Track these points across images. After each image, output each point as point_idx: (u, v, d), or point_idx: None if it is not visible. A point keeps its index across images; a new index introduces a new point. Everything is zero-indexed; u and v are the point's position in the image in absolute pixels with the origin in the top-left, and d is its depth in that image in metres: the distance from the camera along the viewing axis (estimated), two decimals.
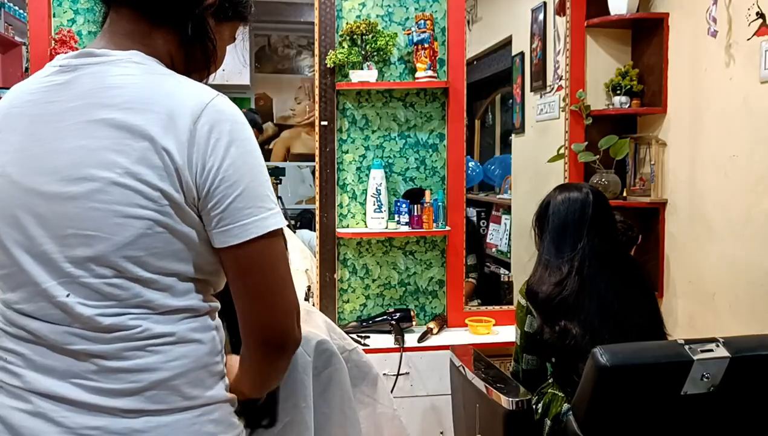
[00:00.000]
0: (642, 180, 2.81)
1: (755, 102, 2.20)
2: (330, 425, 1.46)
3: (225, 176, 0.91)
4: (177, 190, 0.90)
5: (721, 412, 1.67)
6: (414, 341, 2.65)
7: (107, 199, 0.89)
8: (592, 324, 1.84)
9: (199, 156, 0.90)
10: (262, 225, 0.93)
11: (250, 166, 0.94)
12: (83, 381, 0.92)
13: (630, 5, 2.74)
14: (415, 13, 2.80)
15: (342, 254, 2.86)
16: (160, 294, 0.93)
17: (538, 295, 1.94)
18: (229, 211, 0.92)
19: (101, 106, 0.92)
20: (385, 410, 1.61)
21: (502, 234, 3.40)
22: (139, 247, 0.90)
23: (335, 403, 1.47)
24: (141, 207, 0.89)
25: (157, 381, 0.93)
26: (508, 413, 1.77)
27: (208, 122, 0.91)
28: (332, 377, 1.46)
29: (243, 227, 0.92)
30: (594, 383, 1.57)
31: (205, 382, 0.97)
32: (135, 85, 0.93)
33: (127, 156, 0.89)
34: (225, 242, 0.93)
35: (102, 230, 0.90)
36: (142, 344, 0.92)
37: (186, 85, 0.96)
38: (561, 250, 1.97)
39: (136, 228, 0.89)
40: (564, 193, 2.06)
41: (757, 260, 2.19)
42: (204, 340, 0.98)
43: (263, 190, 0.95)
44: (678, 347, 1.60)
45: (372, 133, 2.85)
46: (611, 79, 2.88)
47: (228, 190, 0.91)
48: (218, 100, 0.94)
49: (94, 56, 0.97)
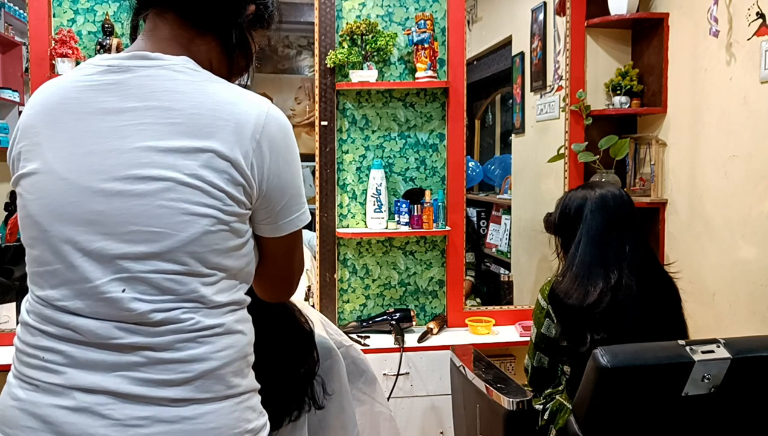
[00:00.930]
0: (642, 180, 2.81)
1: (755, 102, 2.20)
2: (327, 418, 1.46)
3: (279, 183, 1.01)
4: (241, 194, 0.97)
5: (722, 413, 1.67)
6: (414, 341, 2.65)
7: (175, 198, 0.93)
8: (622, 340, 1.74)
9: (262, 164, 0.98)
10: (302, 219, 1.07)
11: (298, 172, 1.05)
12: (131, 373, 0.94)
13: (630, 5, 2.74)
14: (415, 13, 2.79)
15: (342, 254, 2.86)
16: (213, 288, 0.98)
17: (566, 303, 1.86)
18: (281, 210, 1.03)
19: (165, 109, 0.95)
20: (383, 409, 1.61)
21: (502, 234, 3.40)
22: (203, 243, 0.95)
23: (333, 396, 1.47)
24: (207, 206, 0.94)
25: (206, 370, 0.96)
26: (508, 414, 1.77)
27: (270, 133, 0.98)
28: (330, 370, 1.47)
29: (289, 222, 1.06)
30: (595, 383, 1.57)
31: (244, 371, 1.02)
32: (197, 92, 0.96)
33: (195, 159, 0.93)
34: (272, 233, 1.05)
35: (169, 226, 0.93)
36: (194, 335, 0.96)
37: (245, 95, 1.00)
38: (604, 256, 1.87)
39: (202, 225, 0.94)
40: (601, 190, 1.96)
41: (757, 259, 2.19)
42: (245, 331, 1.03)
43: (302, 190, 1.07)
44: (679, 348, 1.60)
45: (372, 134, 2.85)
46: (611, 79, 2.88)
47: (280, 193, 1.02)
48: (274, 112, 1.01)
49: (149, 59, 0.98)
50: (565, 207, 2.00)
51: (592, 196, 1.95)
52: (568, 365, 1.91)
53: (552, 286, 1.93)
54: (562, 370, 1.98)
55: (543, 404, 1.97)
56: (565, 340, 1.88)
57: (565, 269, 1.93)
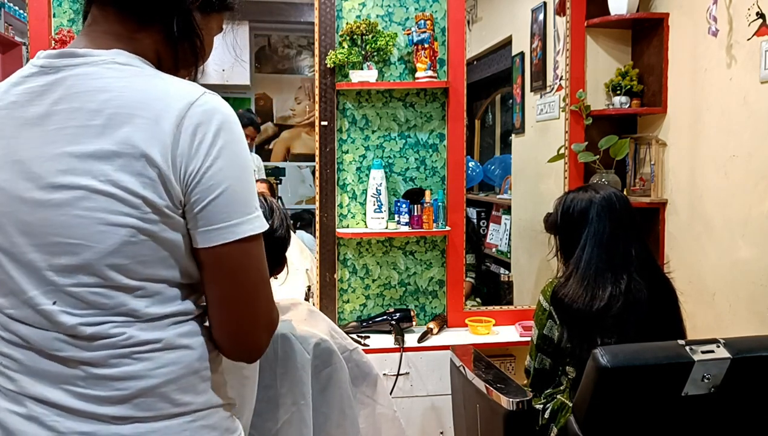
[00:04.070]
0: (642, 180, 2.81)
1: (755, 102, 2.20)
2: (329, 424, 1.46)
3: (206, 177, 0.89)
4: (161, 197, 0.88)
5: (721, 413, 1.66)
6: (414, 341, 2.65)
7: (90, 207, 0.87)
8: (631, 342, 1.75)
9: (183, 158, 0.88)
10: (238, 230, 0.90)
11: (233, 167, 0.90)
12: (72, 387, 0.91)
13: (630, 5, 2.74)
14: (415, 13, 2.79)
15: (342, 254, 2.86)
16: (146, 301, 0.91)
17: (572, 307, 1.85)
18: (207, 213, 0.90)
19: (87, 111, 0.89)
20: (385, 410, 1.61)
21: (502, 234, 3.40)
22: (124, 255, 0.89)
23: (335, 402, 1.47)
24: (123, 214, 0.87)
25: (144, 388, 0.91)
26: (508, 414, 1.77)
27: (192, 123, 0.88)
28: (332, 376, 1.47)
29: (218, 230, 0.90)
30: (595, 383, 1.57)
31: (197, 387, 0.96)
32: (121, 88, 0.90)
33: (110, 163, 0.87)
34: (201, 243, 0.91)
35: (86, 238, 0.88)
36: (128, 351, 0.91)
37: (174, 85, 0.93)
38: (611, 260, 1.86)
39: (120, 236, 0.88)
40: (605, 192, 1.94)
41: (757, 259, 2.19)
42: (193, 345, 0.95)
43: (245, 194, 0.92)
44: (679, 347, 1.60)
45: (372, 134, 2.84)
46: (611, 79, 2.88)
47: (207, 191, 0.89)
48: (205, 99, 0.91)
49: (76, 57, 0.93)
50: (567, 208, 1.97)
51: (597, 199, 1.94)
52: (572, 366, 1.91)
53: (554, 289, 1.92)
54: (564, 371, 1.97)
55: (543, 403, 1.97)
56: (570, 343, 1.87)
57: (569, 271, 1.91)
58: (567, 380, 1.95)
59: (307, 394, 1.42)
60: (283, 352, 1.41)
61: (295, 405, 1.41)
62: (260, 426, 1.40)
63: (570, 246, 1.95)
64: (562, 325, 1.90)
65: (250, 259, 0.93)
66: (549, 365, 1.98)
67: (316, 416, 1.44)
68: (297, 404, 1.41)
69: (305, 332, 1.46)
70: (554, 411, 1.91)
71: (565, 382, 1.96)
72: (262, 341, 0.98)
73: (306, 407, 1.42)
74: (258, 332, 0.97)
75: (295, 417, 1.41)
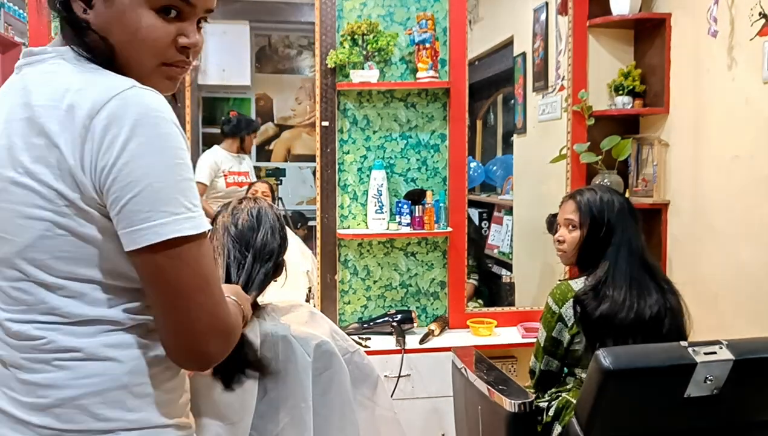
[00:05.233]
0: (644, 181, 2.80)
1: (758, 102, 2.19)
2: (329, 427, 1.45)
3: (122, 175, 0.82)
4: (73, 190, 0.84)
5: (724, 415, 1.66)
6: (415, 343, 2.64)
7: (12, 199, 0.86)
8: None
9: (93, 153, 0.82)
10: (161, 232, 0.82)
11: (153, 164, 0.83)
12: (8, 391, 0.90)
13: (632, 5, 2.73)
14: (417, 13, 2.79)
15: (343, 255, 2.85)
16: (69, 301, 0.87)
17: (614, 316, 1.83)
18: (127, 212, 0.83)
19: (22, 105, 0.88)
20: (385, 413, 1.60)
21: (504, 235, 3.39)
22: (41, 249, 0.86)
23: (335, 404, 1.46)
24: (39, 208, 0.85)
25: (64, 399, 0.87)
26: (510, 416, 1.76)
27: (108, 116, 0.82)
28: (332, 378, 1.46)
29: (139, 232, 0.83)
30: (597, 385, 1.56)
31: (127, 403, 0.89)
32: (52, 82, 0.88)
33: (29, 154, 0.85)
34: (126, 246, 0.84)
35: (7, 231, 0.87)
36: (49, 357, 0.88)
37: (104, 80, 0.87)
38: (645, 266, 1.90)
39: (36, 229, 0.85)
40: (619, 195, 1.98)
41: (759, 261, 2.18)
42: (121, 358, 0.89)
43: (169, 193, 0.83)
44: (681, 349, 1.59)
45: (373, 134, 2.84)
46: (613, 79, 2.87)
47: (125, 190, 0.82)
48: (130, 93, 0.84)
49: (31, 55, 0.94)
50: (602, 209, 1.94)
51: (621, 201, 1.96)
52: (583, 368, 1.89)
53: (578, 295, 1.88)
54: (571, 372, 1.96)
55: (548, 401, 1.96)
56: (584, 345, 1.88)
57: (599, 278, 1.88)
58: (574, 380, 1.95)
59: (307, 396, 1.41)
60: (283, 354, 1.41)
61: (296, 407, 1.41)
62: (261, 428, 1.39)
63: (596, 250, 1.93)
64: (581, 329, 1.88)
65: (181, 262, 0.85)
66: (556, 366, 1.97)
67: (317, 419, 1.44)
68: (298, 407, 1.41)
69: (306, 334, 1.45)
70: (559, 409, 1.90)
71: (571, 382, 1.96)
72: (210, 348, 0.89)
73: (306, 409, 1.41)
74: (200, 339, 0.88)
75: (295, 419, 1.40)
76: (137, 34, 0.89)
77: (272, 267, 1.44)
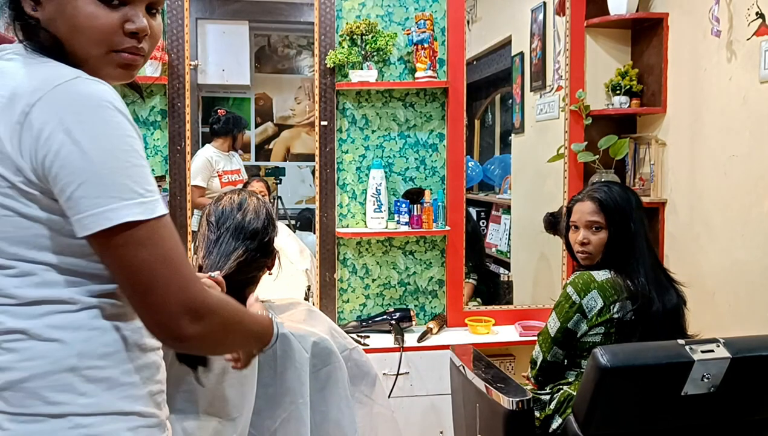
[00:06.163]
0: (641, 180, 2.81)
1: (755, 102, 2.20)
2: (327, 423, 1.46)
3: (65, 163, 0.83)
4: (15, 173, 0.86)
5: (721, 412, 1.67)
6: (414, 341, 2.65)
7: None
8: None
9: (32, 140, 0.84)
10: (111, 217, 0.83)
11: (98, 151, 0.84)
12: None
13: (629, 5, 2.74)
14: (415, 13, 2.79)
15: (342, 253, 2.86)
16: (16, 281, 0.88)
17: (649, 306, 1.86)
18: (74, 200, 0.84)
19: None
20: (382, 410, 1.61)
21: (502, 234, 3.40)
22: None
23: (333, 401, 1.47)
24: None
25: (11, 381, 0.87)
26: (508, 413, 1.76)
27: (47, 105, 0.84)
28: (330, 375, 1.47)
29: (89, 217, 0.84)
30: (595, 383, 1.57)
31: (78, 387, 0.89)
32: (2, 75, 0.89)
33: None
34: (78, 232, 0.85)
35: None
36: None
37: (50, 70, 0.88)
38: (657, 260, 1.99)
39: None
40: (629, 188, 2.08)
41: (756, 259, 2.19)
42: (68, 340, 0.89)
43: (116, 178, 0.84)
44: (678, 347, 1.60)
45: (372, 133, 2.85)
46: (611, 79, 2.88)
47: (69, 177, 0.83)
48: (73, 82, 0.86)
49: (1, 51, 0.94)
50: (629, 203, 1.95)
51: (634, 195, 2.01)
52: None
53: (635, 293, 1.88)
54: (577, 364, 1.96)
55: (550, 394, 1.96)
56: (604, 340, 1.89)
57: (632, 268, 1.90)
58: (577, 373, 1.95)
59: (305, 393, 1.42)
60: (281, 350, 1.41)
61: (294, 404, 1.41)
62: (259, 424, 1.40)
63: (624, 248, 1.93)
64: (625, 326, 1.88)
65: (138, 245, 0.85)
66: (562, 358, 1.97)
67: (314, 415, 1.44)
68: (295, 403, 1.41)
69: (304, 331, 1.46)
70: (560, 402, 1.90)
71: (573, 375, 1.96)
72: (182, 325, 0.88)
73: (304, 405, 1.42)
74: (171, 316, 0.87)
75: (293, 416, 1.41)
76: (77, 24, 0.91)
77: (257, 248, 1.41)
